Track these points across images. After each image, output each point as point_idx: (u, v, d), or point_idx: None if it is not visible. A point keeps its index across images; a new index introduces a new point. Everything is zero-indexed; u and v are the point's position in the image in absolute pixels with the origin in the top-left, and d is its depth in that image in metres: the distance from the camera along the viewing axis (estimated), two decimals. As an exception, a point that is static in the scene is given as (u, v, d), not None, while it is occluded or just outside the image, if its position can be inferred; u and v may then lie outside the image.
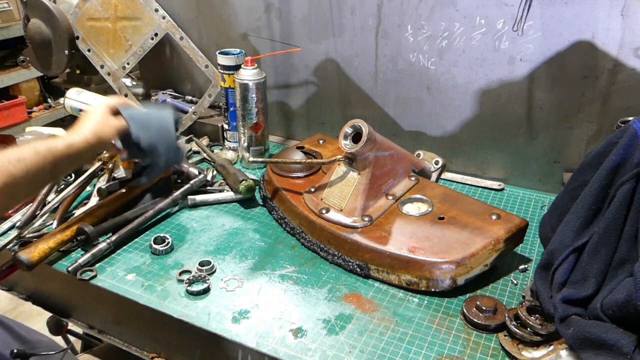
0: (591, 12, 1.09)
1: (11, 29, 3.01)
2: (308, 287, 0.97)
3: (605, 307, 0.73)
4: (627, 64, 1.10)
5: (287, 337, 0.86)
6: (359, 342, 0.85)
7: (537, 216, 1.20)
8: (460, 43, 1.24)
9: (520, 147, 1.29)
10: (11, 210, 1.18)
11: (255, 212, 1.22)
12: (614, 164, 0.78)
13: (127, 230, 1.09)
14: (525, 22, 1.15)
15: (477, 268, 0.95)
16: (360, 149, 1.02)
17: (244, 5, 1.49)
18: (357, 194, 1.06)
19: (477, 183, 1.34)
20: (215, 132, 1.55)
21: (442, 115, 1.35)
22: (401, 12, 1.28)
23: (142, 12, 1.55)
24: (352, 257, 1.01)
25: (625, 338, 0.69)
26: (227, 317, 0.90)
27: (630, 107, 1.13)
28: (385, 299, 0.95)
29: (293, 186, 1.19)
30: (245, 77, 1.32)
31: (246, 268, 1.03)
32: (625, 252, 0.76)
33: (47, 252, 1.00)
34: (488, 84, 1.25)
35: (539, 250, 1.07)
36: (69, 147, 0.92)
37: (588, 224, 0.81)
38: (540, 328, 0.81)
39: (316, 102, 1.52)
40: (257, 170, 1.41)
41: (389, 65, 1.36)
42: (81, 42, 1.58)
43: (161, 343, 1.00)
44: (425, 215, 1.04)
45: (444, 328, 0.88)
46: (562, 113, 1.21)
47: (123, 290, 0.96)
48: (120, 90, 1.61)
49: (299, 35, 1.45)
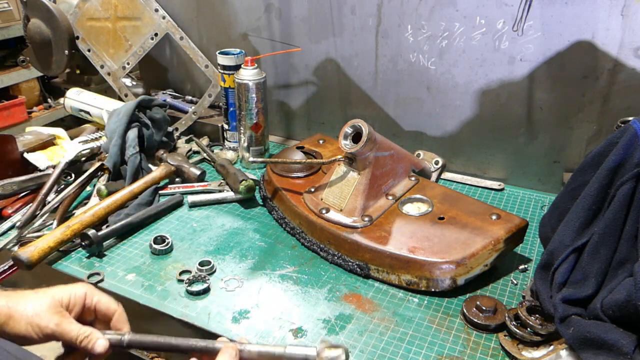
0: (591, 12, 1.09)
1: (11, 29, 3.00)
2: (308, 287, 0.97)
3: (605, 307, 0.73)
4: (627, 64, 1.10)
5: (287, 337, 0.86)
6: (359, 342, 0.85)
7: (537, 216, 1.20)
8: (460, 43, 1.24)
9: (520, 147, 1.29)
10: (11, 210, 1.18)
11: (255, 212, 1.22)
12: (614, 164, 0.78)
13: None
14: (525, 22, 1.15)
15: (477, 268, 0.95)
16: (360, 149, 1.02)
17: (244, 5, 1.49)
18: (357, 194, 1.06)
19: (477, 183, 1.34)
20: (215, 132, 1.55)
21: (442, 115, 1.35)
22: (401, 12, 1.28)
23: (142, 12, 1.55)
24: (352, 257, 1.01)
25: (625, 338, 0.69)
26: (227, 317, 0.90)
27: (630, 107, 1.13)
28: (385, 299, 0.95)
29: (293, 186, 1.19)
30: (245, 77, 1.32)
31: (246, 268, 1.02)
32: (625, 252, 0.76)
33: (47, 252, 1.00)
34: (488, 84, 1.25)
35: (539, 250, 1.07)
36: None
37: (588, 224, 0.81)
38: (540, 328, 0.81)
39: (316, 102, 1.52)
40: (257, 170, 1.41)
41: (389, 65, 1.36)
42: (81, 42, 1.58)
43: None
44: (425, 215, 1.04)
45: (444, 328, 0.88)
46: (562, 113, 1.21)
47: (123, 290, 0.96)
48: (120, 90, 1.61)
49: (299, 35, 1.45)
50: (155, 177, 1.26)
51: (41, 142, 1.39)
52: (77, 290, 0.71)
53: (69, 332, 0.65)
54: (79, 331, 0.66)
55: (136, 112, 1.34)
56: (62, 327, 0.65)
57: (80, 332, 0.66)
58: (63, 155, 1.33)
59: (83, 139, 1.42)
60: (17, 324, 0.65)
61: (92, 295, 0.72)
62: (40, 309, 0.65)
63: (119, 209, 1.17)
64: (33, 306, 0.65)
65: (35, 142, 1.38)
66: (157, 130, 1.38)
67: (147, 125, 1.35)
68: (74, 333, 0.66)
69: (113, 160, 1.25)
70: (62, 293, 0.69)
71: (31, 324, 0.65)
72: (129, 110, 1.32)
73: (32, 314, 0.65)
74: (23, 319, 0.65)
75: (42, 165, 1.31)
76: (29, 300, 0.66)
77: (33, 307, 0.65)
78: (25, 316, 0.65)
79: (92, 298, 0.72)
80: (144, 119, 1.35)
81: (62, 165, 1.27)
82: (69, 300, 0.70)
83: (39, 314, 0.65)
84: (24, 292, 0.69)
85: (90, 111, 1.57)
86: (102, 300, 0.73)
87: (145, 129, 1.35)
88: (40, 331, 0.65)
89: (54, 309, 0.66)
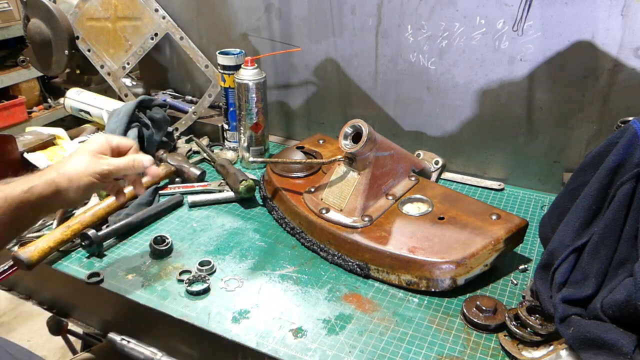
0: (591, 12, 1.09)
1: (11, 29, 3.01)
2: (308, 287, 0.97)
3: (605, 307, 0.73)
4: (627, 64, 1.10)
5: (287, 337, 0.86)
6: (359, 342, 0.85)
7: (537, 216, 1.20)
8: (460, 43, 1.24)
9: (520, 147, 1.29)
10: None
11: (255, 212, 1.22)
12: (614, 164, 0.78)
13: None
14: (525, 22, 1.15)
15: (477, 268, 0.95)
16: (360, 149, 1.02)
17: (244, 5, 1.49)
18: (357, 194, 1.06)
19: (477, 183, 1.34)
20: (215, 132, 1.55)
21: (442, 115, 1.35)
22: (401, 12, 1.28)
23: (142, 12, 1.55)
24: (352, 257, 1.01)
25: (625, 338, 0.69)
26: (227, 317, 0.90)
27: (630, 107, 1.13)
28: (385, 299, 0.95)
29: (293, 186, 1.19)
30: (245, 77, 1.32)
31: (246, 268, 1.03)
32: (625, 252, 0.76)
33: (46, 252, 1.00)
34: (488, 84, 1.26)
35: (539, 250, 1.07)
36: (27, 192, 0.78)
37: (588, 224, 0.81)
38: (540, 328, 0.81)
39: (316, 102, 1.52)
40: (257, 170, 1.41)
41: (389, 65, 1.36)
42: (81, 42, 1.58)
43: (161, 343, 1.00)
44: (425, 215, 1.04)
45: (444, 328, 0.88)
46: (562, 113, 1.21)
47: (123, 290, 0.96)
48: (120, 90, 1.61)
49: (299, 35, 1.45)
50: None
51: (41, 142, 1.39)
52: (100, 139, 0.85)
53: (119, 163, 0.81)
54: (127, 160, 0.83)
55: (136, 112, 1.34)
56: (113, 164, 0.82)
57: (128, 159, 0.84)
58: (63, 155, 1.33)
59: (83, 139, 1.42)
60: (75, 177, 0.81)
61: (111, 139, 0.87)
62: (85, 156, 0.81)
63: (119, 209, 1.17)
64: (76, 168, 0.80)
65: (35, 142, 1.38)
66: (157, 130, 1.38)
67: (147, 125, 1.35)
68: (124, 161, 0.82)
69: None
70: (93, 145, 0.83)
71: (83, 168, 0.81)
72: (129, 110, 1.32)
73: (79, 161, 0.81)
74: (76, 168, 0.80)
75: (42, 165, 1.31)
76: (70, 165, 0.81)
77: (76, 168, 0.80)
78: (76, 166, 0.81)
79: (112, 141, 0.87)
80: (144, 119, 1.35)
81: (62, 165, 1.27)
82: (100, 148, 0.84)
83: (85, 159, 0.81)
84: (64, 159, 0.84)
85: (90, 111, 1.57)
86: (122, 141, 0.88)
87: (145, 129, 1.35)
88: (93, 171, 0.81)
89: (95, 160, 0.81)
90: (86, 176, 0.82)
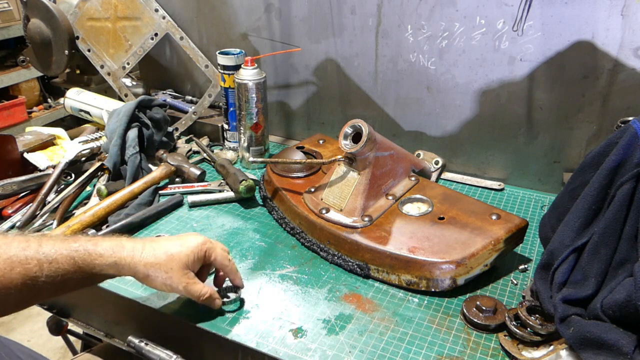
0: (591, 12, 1.09)
1: (11, 29, 3.01)
2: (308, 287, 0.97)
3: (605, 307, 0.73)
4: (627, 64, 1.10)
5: (287, 337, 0.86)
6: (359, 342, 0.85)
7: (537, 216, 1.20)
8: (460, 43, 1.24)
9: (520, 147, 1.29)
10: (11, 210, 1.18)
11: (255, 212, 1.22)
12: (614, 164, 0.78)
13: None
14: (525, 22, 1.15)
15: (477, 268, 0.95)
16: (360, 149, 1.02)
17: (244, 5, 1.49)
18: (357, 194, 1.06)
19: (477, 183, 1.34)
20: (215, 132, 1.55)
21: (442, 115, 1.35)
22: (401, 12, 1.28)
23: (142, 12, 1.55)
24: (352, 257, 1.01)
25: (625, 338, 0.69)
26: (227, 317, 0.90)
27: (630, 107, 1.13)
28: (385, 299, 0.95)
29: (293, 186, 1.19)
30: (245, 77, 1.32)
31: (246, 268, 1.02)
32: (625, 252, 0.76)
33: (47, 252, 1.00)
34: (488, 84, 1.26)
35: (539, 250, 1.07)
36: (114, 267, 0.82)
37: (588, 224, 0.81)
38: (540, 328, 0.81)
39: (316, 102, 1.52)
40: (257, 170, 1.41)
41: (389, 65, 1.36)
42: (81, 42, 1.58)
43: (161, 343, 1.00)
44: (425, 215, 1.04)
45: (444, 328, 0.88)
46: (562, 113, 1.21)
47: (123, 290, 0.96)
48: (120, 90, 1.61)
49: (299, 35, 1.45)
50: (155, 177, 1.27)
51: (41, 142, 1.39)
52: (198, 251, 0.87)
53: (193, 293, 0.86)
54: (200, 292, 0.86)
55: (136, 112, 1.34)
56: (188, 289, 0.85)
57: (202, 292, 0.87)
58: (63, 155, 1.33)
59: (83, 139, 1.42)
60: (153, 282, 0.84)
61: (210, 255, 0.88)
62: (173, 273, 0.84)
63: (119, 209, 1.17)
64: (167, 270, 0.84)
65: (35, 142, 1.38)
66: (157, 130, 1.38)
67: (147, 125, 1.35)
68: (197, 294, 0.86)
69: (113, 160, 1.25)
70: (188, 256, 0.85)
71: (165, 284, 0.84)
72: (129, 110, 1.32)
73: (166, 277, 0.83)
74: (159, 279, 0.84)
75: (42, 165, 1.31)
76: (162, 266, 0.84)
77: (167, 270, 0.84)
78: (160, 278, 0.83)
79: (210, 256, 0.89)
80: (144, 119, 1.35)
81: (62, 165, 1.27)
82: (194, 260, 0.86)
83: (172, 277, 0.84)
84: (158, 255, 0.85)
85: (90, 111, 1.57)
86: (218, 259, 0.89)
87: (145, 129, 1.35)
88: (172, 289, 0.86)
89: (182, 272, 0.85)
90: (160, 286, 0.85)
